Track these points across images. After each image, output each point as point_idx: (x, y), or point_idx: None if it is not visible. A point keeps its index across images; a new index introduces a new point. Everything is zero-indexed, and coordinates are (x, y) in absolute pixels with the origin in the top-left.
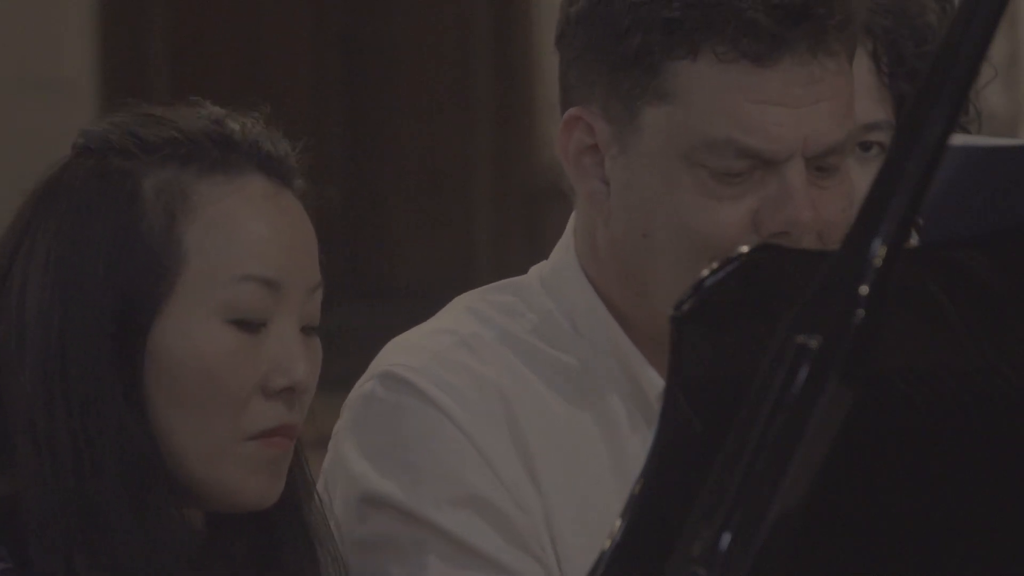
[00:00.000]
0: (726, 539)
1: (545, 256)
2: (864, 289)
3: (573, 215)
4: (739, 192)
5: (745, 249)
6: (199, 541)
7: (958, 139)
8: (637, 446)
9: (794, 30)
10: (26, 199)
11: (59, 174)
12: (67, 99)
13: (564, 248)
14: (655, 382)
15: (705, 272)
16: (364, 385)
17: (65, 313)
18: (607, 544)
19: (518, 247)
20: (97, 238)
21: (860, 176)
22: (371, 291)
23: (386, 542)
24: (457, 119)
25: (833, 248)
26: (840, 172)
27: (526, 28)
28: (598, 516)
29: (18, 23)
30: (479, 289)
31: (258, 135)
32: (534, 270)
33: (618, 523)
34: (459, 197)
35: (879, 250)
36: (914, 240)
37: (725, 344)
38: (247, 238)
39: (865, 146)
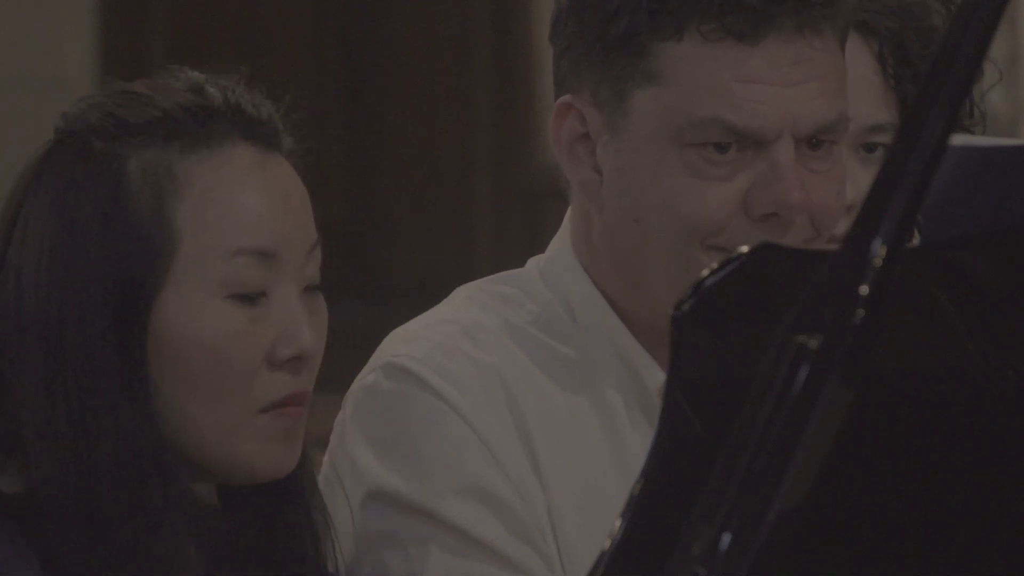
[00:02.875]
0: (726, 539)
1: None
2: (864, 289)
3: (570, 208)
4: (729, 173)
5: (745, 249)
6: (210, 518)
7: (958, 139)
8: (637, 439)
9: (779, 6)
10: (14, 186)
11: (44, 159)
12: (67, 99)
13: (560, 241)
14: (655, 374)
15: (705, 272)
16: (366, 376)
17: (62, 303)
18: (607, 544)
19: (518, 247)
20: (87, 224)
21: (864, 177)
22: (371, 291)
23: (389, 536)
24: (457, 119)
25: (833, 247)
26: (833, 156)
27: (526, 28)
28: (599, 507)
29: (18, 23)
30: (479, 280)
31: (239, 99)
32: (532, 262)
33: (618, 523)
34: (459, 197)
35: (879, 250)
36: (914, 240)
37: (725, 344)
38: (237, 212)
39: (870, 148)
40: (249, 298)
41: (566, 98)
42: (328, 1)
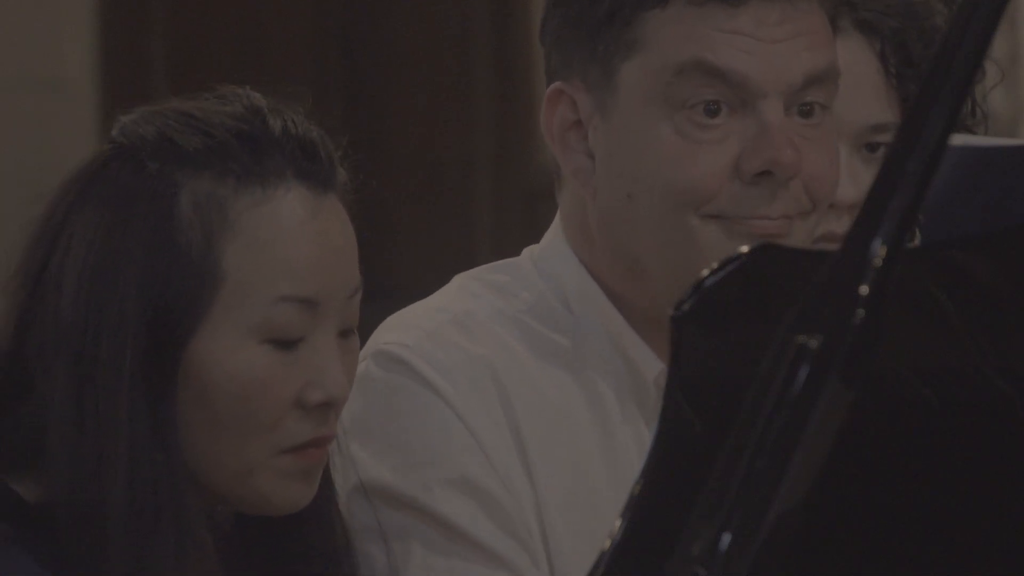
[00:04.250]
0: (726, 539)
1: None
2: (864, 289)
3: (563, 199)
4: (719, 137)
5: (745, 249)
6: (213, 556)
7: (958, 139)
8: (628, 431)
9: None
10: (61, 189)
11: (97, 171)
12: (67, 99)
13: (554, 231)
14: (652, 364)
15: (705, 272)
16: (359, 364)
17: (99, 322)
18: (607, 544)
19: (518, 247)
20: (133, 249)
21: (865, 177)
22: (371, 291)
23: (375, 530)
24: (457, 119)
25: (833, 247)
26: (824, 125)
27: (526, 28)
28: (587, 500)
29: (18, 23)
30: (474, 269)
31: (297, 137)
32: (526, 252)
33: (618, 523)
34: (459, 197)
35: (879, 250)
36: (914, 240)
37: (725, 344)
38: (285, 259)
39: (872, 147)
40: (285, 343)
41: (556, 84)
42: (328, 1)
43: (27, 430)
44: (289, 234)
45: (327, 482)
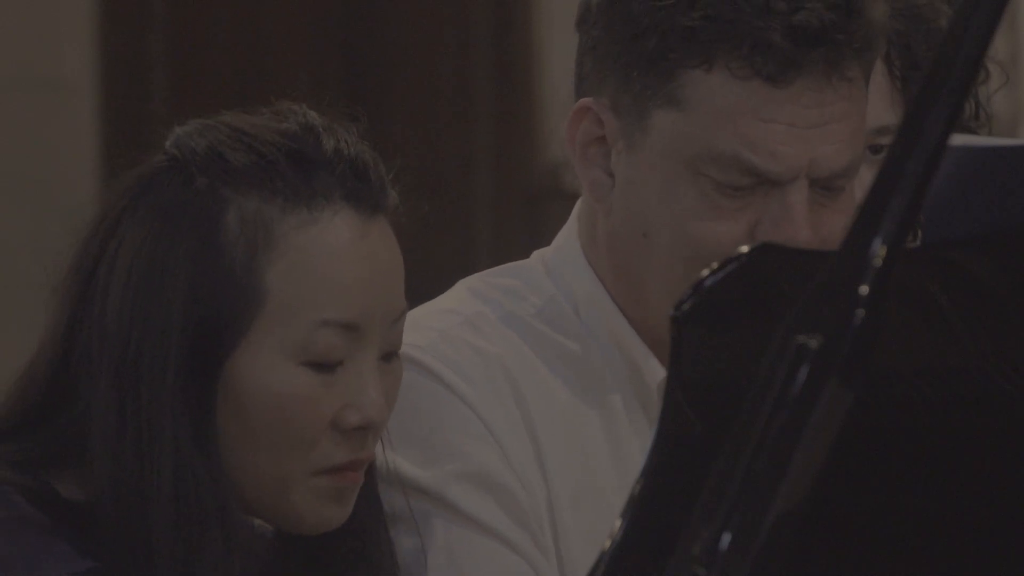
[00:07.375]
0: (726, 539)
1: None
2: (864, 289)
3: (579, 202)
4: (740, 206)
5: (745, 249)
6: (257, 564)
7: (958, 139)
8: (634, 436)
9: (811, 53)
10: (114, 194)
11: (148, 181)
12: (67, 99)
13: (568, 233)
14: (656, 371)
15: (705, 272)
16: None
17: (142, 331)
18: (607, 544)
19: (518, 248)
20: (178, 265)
21: (869, 178)
22: None
23: (398, 516)
24: (457, 119)
25: (833, 248)
26: (845, 191)
27: (526, 28)
28: (593, 502)
29: (18, 23)
30: (481, 272)
31: (349, 158)
32: (536, 255)
33: (618, 523)
34: (459, 197)
35: (879, 250)
36: (915, 240)
37: (725, 344)
38: (328, 282)
39: (875, 149)
40: (326, 367)
41: (586, 101)
42: (328, 1)
43: (71, 432)
44: (334, 257)
45: (374, 498)
